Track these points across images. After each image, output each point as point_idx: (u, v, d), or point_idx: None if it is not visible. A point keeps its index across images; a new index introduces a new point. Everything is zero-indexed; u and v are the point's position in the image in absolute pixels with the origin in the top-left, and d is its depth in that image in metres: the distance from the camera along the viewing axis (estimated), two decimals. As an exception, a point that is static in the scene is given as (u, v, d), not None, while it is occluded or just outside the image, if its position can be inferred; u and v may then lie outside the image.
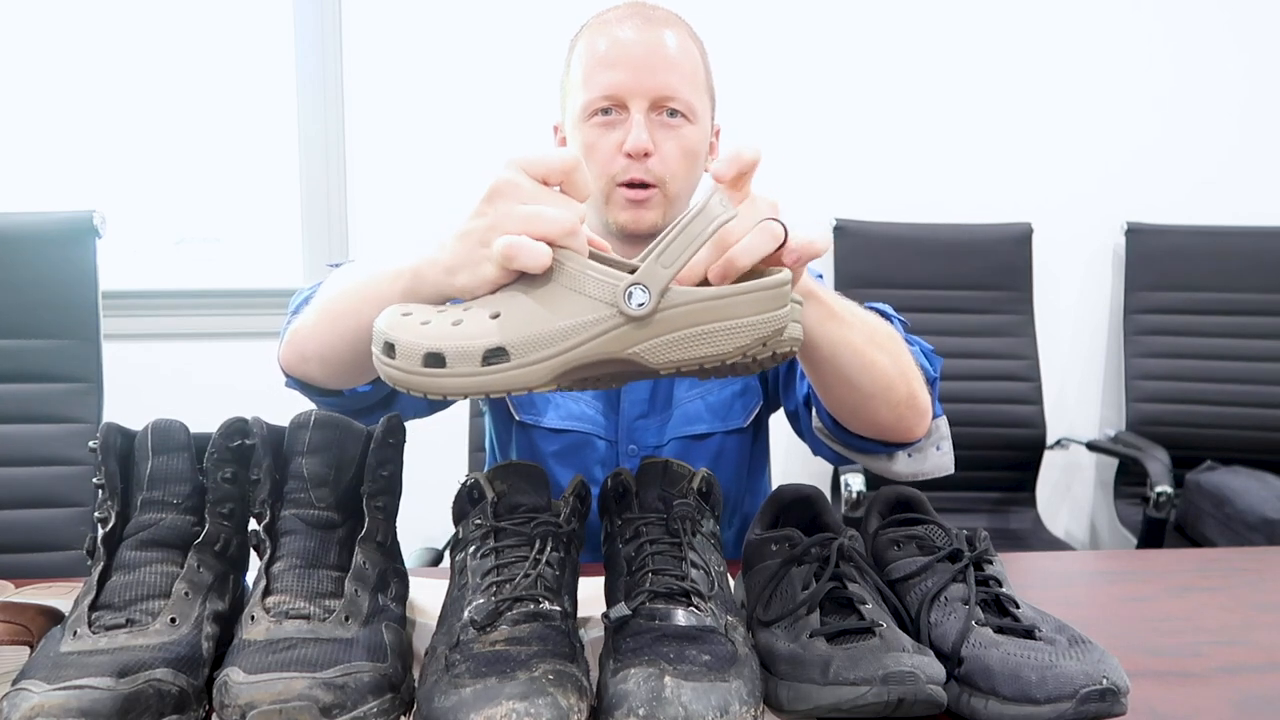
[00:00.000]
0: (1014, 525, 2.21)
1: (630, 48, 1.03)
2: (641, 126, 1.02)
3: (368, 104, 2.24)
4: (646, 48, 1.03)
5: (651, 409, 1.14)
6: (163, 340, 2.22)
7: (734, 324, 0.60)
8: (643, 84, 1.02)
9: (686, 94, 1.04)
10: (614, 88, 1.03)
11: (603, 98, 1.04)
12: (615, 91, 1.03)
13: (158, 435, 0.70)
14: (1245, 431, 2.27)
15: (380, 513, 0.71)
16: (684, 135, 1.05)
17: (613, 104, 1.04)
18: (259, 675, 0.58)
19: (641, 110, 1.03)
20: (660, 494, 0.74)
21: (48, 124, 2.21)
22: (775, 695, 0.64)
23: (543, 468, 0.75)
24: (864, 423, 0.88)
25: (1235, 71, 2.43)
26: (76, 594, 0.66)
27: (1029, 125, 2.40)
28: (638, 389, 1.14)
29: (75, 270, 1.51)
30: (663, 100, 1.03)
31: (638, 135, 1.02)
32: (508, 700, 0.55)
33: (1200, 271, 2.31)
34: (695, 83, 1.06)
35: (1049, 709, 0.60)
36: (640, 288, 0.59)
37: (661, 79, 1.02)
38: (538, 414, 1.15)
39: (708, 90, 1.10)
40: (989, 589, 0.71)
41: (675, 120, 1.04)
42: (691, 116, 1.05)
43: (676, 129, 1.04)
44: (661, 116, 1.04)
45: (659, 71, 1.02)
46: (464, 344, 0.59)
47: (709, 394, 1.14)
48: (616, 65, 1.03)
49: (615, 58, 1.03)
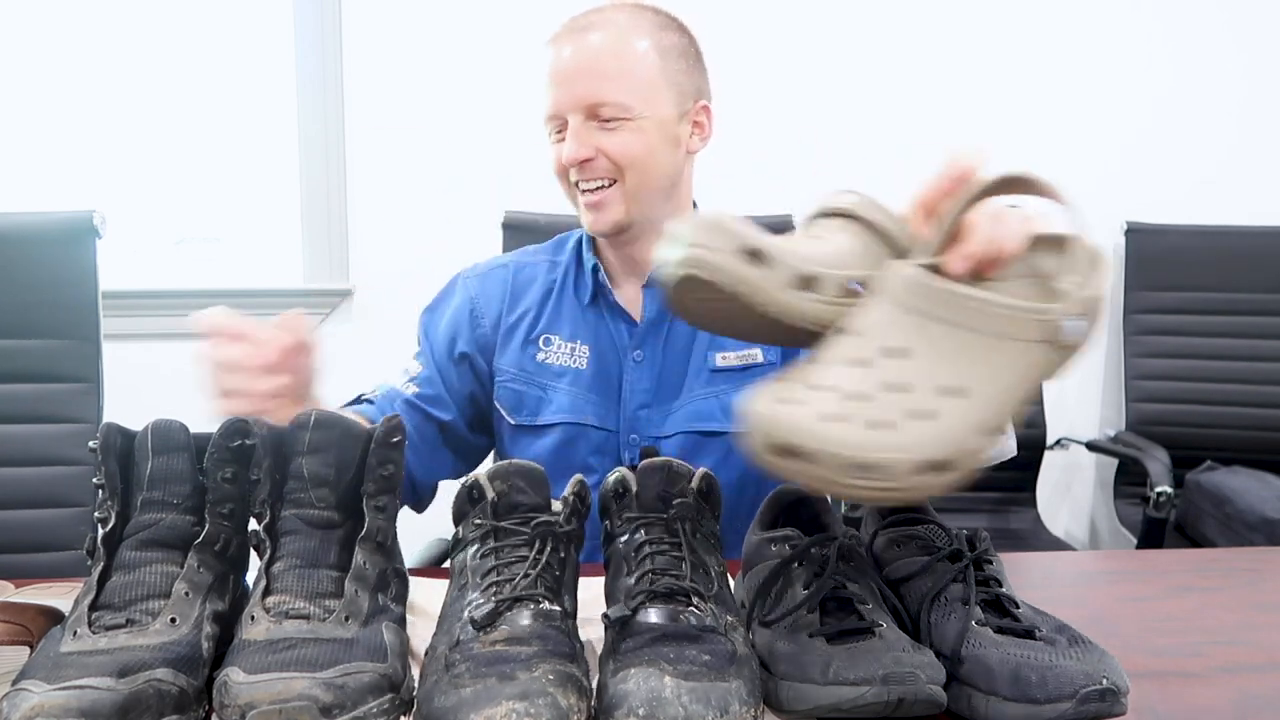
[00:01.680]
0: (1014, 525, 2.21)
1: (561, 64, 1.09)
2: (572, 137, 1.08)
3: (368, 104, 2.24)
4: (573, 61, 1.08)
5: (655, 399, 1.15)
6: (163, 340, 2.22)
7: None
8: (571, 96, 1.08)
9: (617, 95, 1.07)
10: (552, 106, 1.10)
11: (548, 117, 1.11)
12: (554, 110, 1.10)
13: (158, 435, 0.70)
14: (1245, 431, 2.27)
15: (380, 513, 0.71)
16: (625, 131, 1.08)
17: (556, 121, 1.10)
18: (259, 675, 0.58)
19: (578, 120, 1.08)
20: (660, 494, 0.74)
21: (48, 124, 2.21)
22: (775, 695, 0.64)
23: (542, 468, 0.75)
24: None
25: (1235, 71, 2.43)
26: (76, 594, 0.66)
27: (1029, 125, 2.39)
28: (642, 378, 1.15)
29: (75, 270, 1.51)
30: (593, 107, 1.07)
31: (567, 148, 1.08)
32: (508, 700, 0.55)
33: (1200, 271, 2.31)
34: (632, 80, 1.08)
35: (1049, 709, 0.60)
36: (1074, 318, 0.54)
37: (584, 88, 1.07)
38: (532, 415, 1.16)
39: (664, 77, 1.11)
40: (989, 589, 0.71)
41: (611, 123, 1.08)
42: (628, 114, 1.08)
43: (613, 130, 1.08)
44: (597, 121, 1.08)
45: (582, 82, 1.07)
46: (898, 456, 0.53)
47: (724, 394, 1.14)
48: (551, 83, 1.09)
49: (550, 76, 1.10)
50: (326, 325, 2.29)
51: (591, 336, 1.17)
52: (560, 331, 1.18)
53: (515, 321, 1.19)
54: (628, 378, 1.15)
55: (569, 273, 1.20)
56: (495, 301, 1.20)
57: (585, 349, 1.17)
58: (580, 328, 1.17)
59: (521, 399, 1.17)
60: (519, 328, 1.18)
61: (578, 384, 1.16)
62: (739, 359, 1.15)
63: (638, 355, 1.15)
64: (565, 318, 1.18)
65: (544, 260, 1.22)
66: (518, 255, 1.25)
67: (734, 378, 1.15)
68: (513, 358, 1.18)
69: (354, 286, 2.28)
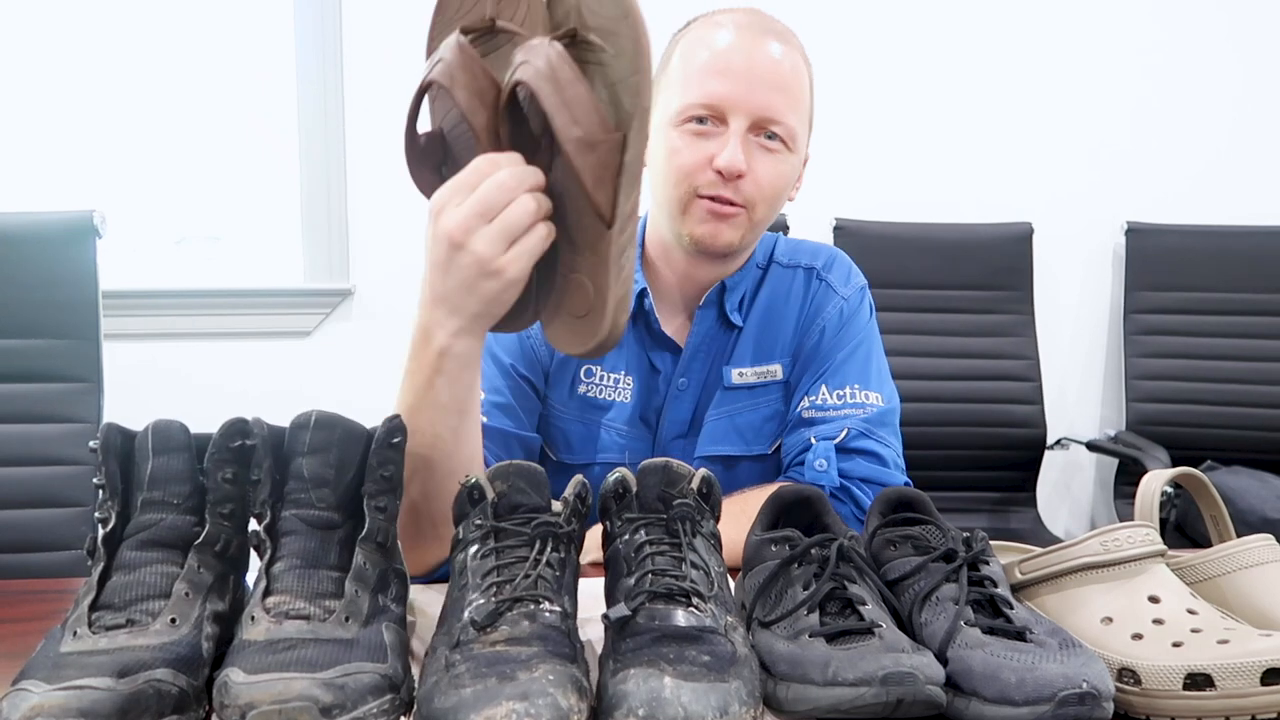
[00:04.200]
0: (1014, 525, 2.21)
1: (743, 58, 0.96)
2: (738, 145, 0.96)
3: (368, 104, 2.24)
4: (759, 62, 0.97)
5: (691, 429, 1.12)
6: (163, 340, 2.22)
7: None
8: (749, 100, 0.96)
9: (791, 119, 0.99)
10: (717, 98, 0.96)
11: (701, 105, 0.97)
12: (717, 102, 0.97)
13: (158, 435, 0.70)
14: (1245, 431, 2.27)
15: (381, 513, 0.71)
16: (780, 161, 1.00)
17: (711, 114, 0.98)
18: (259, 675, 0.58)
19: (743, 126, 0.97)
20: (660, 494, 0.74)
21: (48, 124, 2.21)
22: (775, 695, 0.64)
23: (542, 469, 0.75)
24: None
25: (1235, 71, 2.43)
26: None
27: (1029, 125, 2.40)
28: (682, 407, 1.11)
29: (75, 270, 1.51)
30: (765, 121, 0.97)
31: (733, 154, 0.96)
32: (508, 700, 0.55)
33: (1200, 271, 2.31)
34: (800, 108, 1.00)
35: (1026, 711, 0.59)
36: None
37: (769, 98, 0.96)
38: (575, 454, 1.11)
39: (809, 116, 1.04)
40: (984, 589, 0.71)
41: (774, 144, 0.99)
42: (791, 143, 1.00)
43: (774, 153, 0.99)
44: (760, 138, 0.98)
45: (768, 90, 0.96)
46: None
47: (737, 415, 1.11)
48: (724, 74, 0.96)
49: (724, 66, 0.96)
50: (326, 325, 2.29)
51: (635, 366, 1.10)
52: (603, 362, 1.10)
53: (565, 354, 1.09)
54: (668, 406, 1.11)
55: None
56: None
57: (630, 380, 1.10)
58: (623, 357, 1.10)
59: (567, 438, 1.11)
60: (569, 361, 1.09)
61: (620, 418, 1.10)
62: (755, 375, 1.11)
63: (682, 383, 1.11)
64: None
65: None
66: None
67: (746, 396, 1.11)
68: (560, 394, 1.10)
69: (354, 286, 2.28)
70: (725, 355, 1.11)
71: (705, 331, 1.10)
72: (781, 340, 1.13)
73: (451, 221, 0.72)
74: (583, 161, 0.68)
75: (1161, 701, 0.63)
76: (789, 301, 1.14)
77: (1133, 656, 0.65)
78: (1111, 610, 0.70)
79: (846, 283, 1.15)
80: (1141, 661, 0.64)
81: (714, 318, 1.11)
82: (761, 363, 1.12)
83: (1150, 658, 0.64)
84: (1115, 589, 0.71)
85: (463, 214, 0.71)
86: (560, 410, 1.11)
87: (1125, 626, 0.68)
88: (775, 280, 1.14)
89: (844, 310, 1.13)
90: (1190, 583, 0.75)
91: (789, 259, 1.16)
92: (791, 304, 1.14)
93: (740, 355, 1.11)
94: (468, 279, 0.73)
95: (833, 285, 1.14)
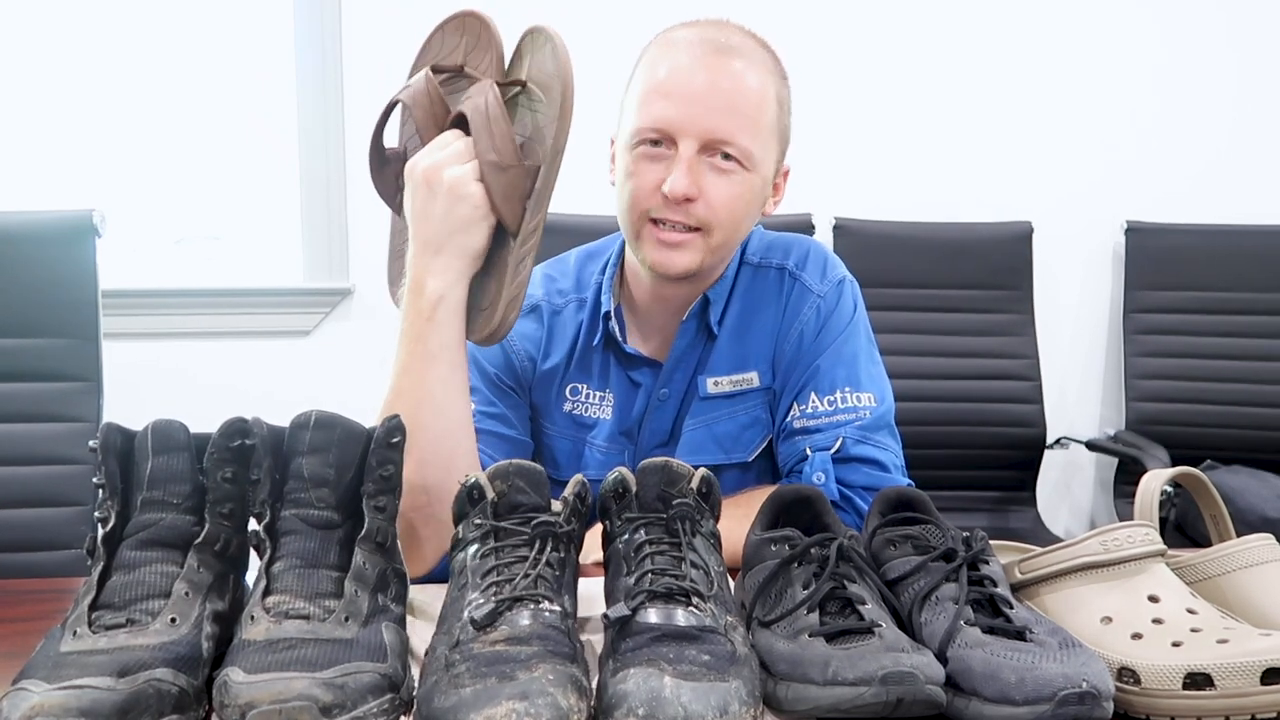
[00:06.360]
0: (1014, 525, 2.21)
1: (693, 81, 0.95)
2: (685, 169, 0.95)
3: (367, 105, 2.23)
4: (708, 82, 0.95)
5: (670, 439, 1.11)
6: (163, 340, 2.22)
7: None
8: (697, 123, 0.95)
9: (744, 139, 0.96)
10: (664, 121, 0.96)
11: (651, 129, 0.97)
12: (664, 125, 0.96)
13: (158, 435, 0.70)
14: (1245, 431, 2.27)
15: (380, 513, 0.71)
16: (736, 182, 0.98)
17: (661, 137, 0.97)
18: (259, 675, 0.58)
19: (691, 150, 0.95)
20: (660, 493, 0.74)
21: (48, 124, 2.20)
22: (775, 695, 0.64)
23: (542, 469, 0.75)
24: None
25: (1234, 70, 2.42)
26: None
27: (1029, 124, 2.39)
28: (663, 418, 1.11)
29: (75, 270, 1.51)
30: (716, 143, 0.96)
31: (677, 178, 0.95)
32: (508, 700, 0.55)
33: (1200, 271, 2.31)
34: (758, 126, 0.98)
35: (1026, 710, 0.59)
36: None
37: (718, 121, 0.95)
38: (560, 472, 1.11)
39: (777, 132, 1.02)
40: (983, 589, 0.71)
41: (728, 164, 0.97)
42: (747, 163, 0.97)
43: (728, 174, 0.97)
44: (714, 158, 0.97)
45: (718, 112, 0.95)
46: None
47: (715, 424, 1.10)
48: (671, 96, 0.95)
49: (672, 87, 0.96)
50: (326, 325, 2.29)
51: (615, 384, 1.11)
52: (589, 381, 1.11)
53: (549, 370, 1.12)
54: (649, 417, 1.11)
55: (595, 315, 1.12)
56: (530, 343, 1.12)
57: (611, 397, 1.11)
58: (604, 375, 1.11)
59: (554, 455, 1.12)
60: (553, 379, 1.11)
61: (600, 435, 1.11)
62: (731, 384, 1.10)
63: (664, 394, 1.10)
64: (595, 365, 1.11)
65: (572, 300, 1.13)
66: (546, 291, 1.14)
67: (723, 405, 1.10)
68: (549, 412, 1.12)
69: (353, 286, 2.28)
70: (702, 365, 1.10)
71: (687, 344, 1.10)
72: (757, 347, 1.10)
73: (424, 163, 0.87)
74: (493, 180, 0.85)
75: (1161, 701, 0.63)
76: (763, 306, 1.11)
77: (1132, 656, 0.65)
78: (1111, 610, 0.70)
79: (822, 278, 1.11)
80: (1141, 661, 0.64)
81: (695, 330, 1.10)
82: (737, 370, 1.09)
83: (1150, 657, 0.64)
84: (1115, 588, 0.71)
85: (431, 156, 0.87)
86: (549, 428, 1.13)
87: (1125, 626, 0.68)
88: (747, 283, 1.11)
89: (821, 309, 1.09)
90: (1190, 582, 0.75)
91: (761, 257, 1.12)
92: (765, 308, 1.10)
93: (716, 364, 1.09)
94: (444, 209, 0.85)
95: (807, 284, 1.10)
